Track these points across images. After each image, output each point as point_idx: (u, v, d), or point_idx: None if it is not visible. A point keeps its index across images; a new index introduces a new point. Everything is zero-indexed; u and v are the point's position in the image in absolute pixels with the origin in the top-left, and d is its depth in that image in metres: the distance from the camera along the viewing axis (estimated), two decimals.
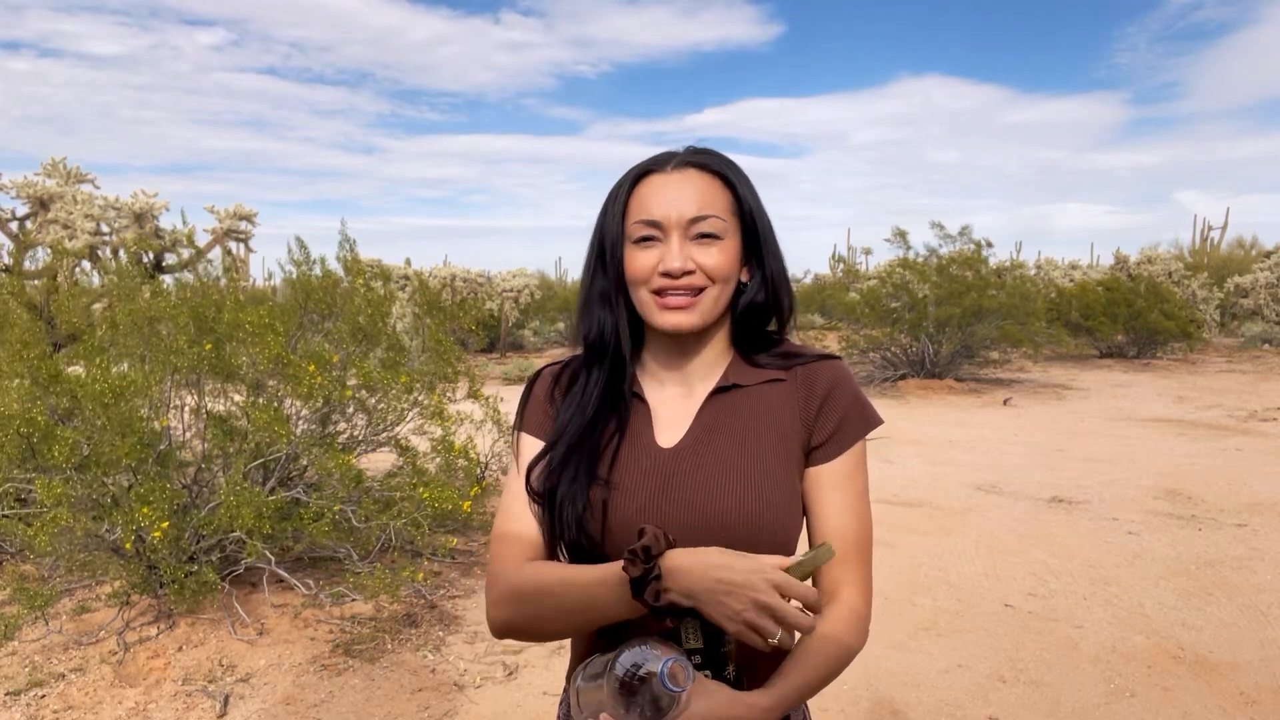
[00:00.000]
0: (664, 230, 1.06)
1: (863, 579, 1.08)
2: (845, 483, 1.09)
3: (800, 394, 1.11)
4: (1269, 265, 18.50)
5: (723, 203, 1.08)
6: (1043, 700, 3.10)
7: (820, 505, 1.09)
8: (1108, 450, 7.56)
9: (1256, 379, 12.57)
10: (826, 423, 1.09)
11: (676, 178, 1.07)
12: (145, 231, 11.24)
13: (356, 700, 3.09)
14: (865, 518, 1.10)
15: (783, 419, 1.10)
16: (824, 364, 1.13)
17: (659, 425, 1.12)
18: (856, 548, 1.08)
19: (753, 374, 1.13)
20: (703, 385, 1.14)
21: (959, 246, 12.50)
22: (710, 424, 1.11)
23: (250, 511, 3.12)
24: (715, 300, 1.08)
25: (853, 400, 1.11)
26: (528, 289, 18.24)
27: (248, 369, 3.74)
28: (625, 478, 1.09)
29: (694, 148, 1.12)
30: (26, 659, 3.30)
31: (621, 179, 1.11)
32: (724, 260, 1.06)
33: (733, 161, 1.12)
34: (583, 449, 1.10)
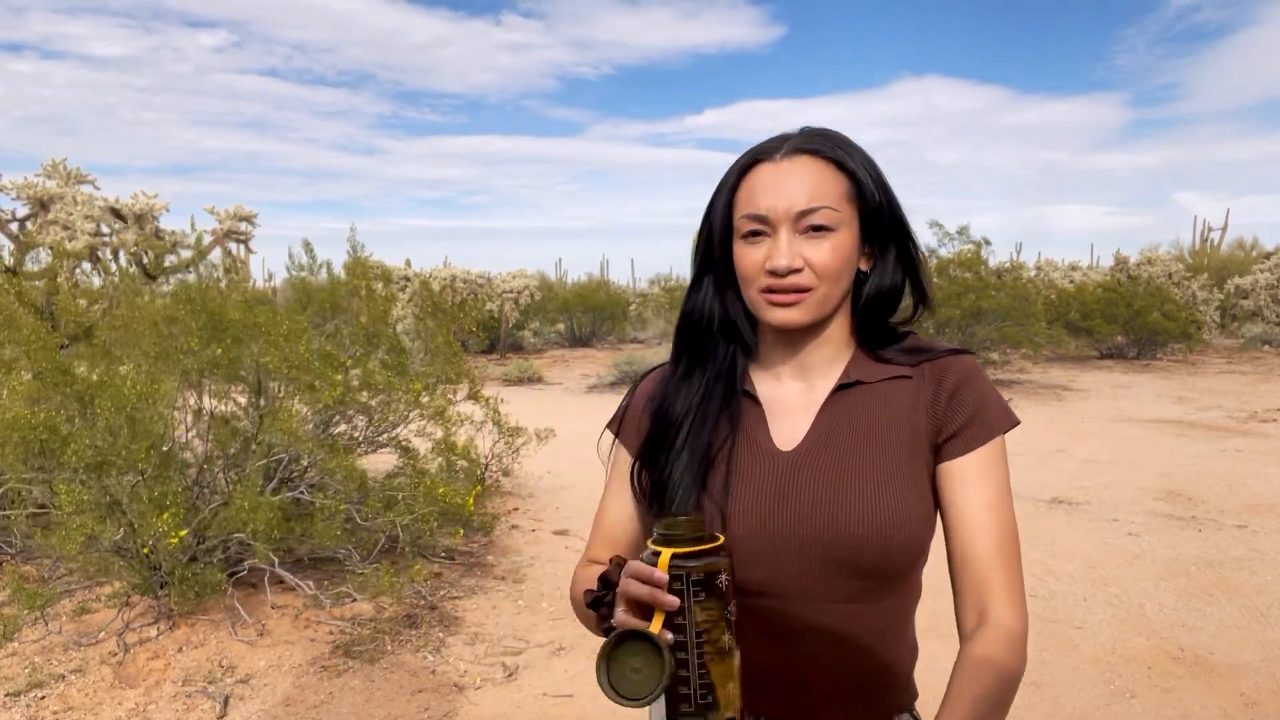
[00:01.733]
0: (772, 225, 0.98)
1: (1013, 587, 0.96)
2: (981, 477, 0.98)
3: (929, 389, 1.02)
4: (1269, 266, 18.49)
5: (837, 191, 0.99)
6: (1043, 701, 3.10)
7: (955, 503, 0.99)
8: (1108, 451, 7.56)
9: (1256, 380, 12.57)
10: (958, 415, 1.00)
11: (786, 166, 0.99)
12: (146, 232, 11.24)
13: (356, 701, 3.09)
14: (1008, 517, 0.98)
15: (910, 417, 1.01)
16: (955, 358, 1.04)
17: (775, 426, 1.04)
18: (1000, 549, 0.96)
19: (877, 369, 1.04)
20: (823, 382, 1.05)
21: (958, 247, 12.50)
22: (831, 425, 1.02)
23: (263, 515, 3.12)
24: (824, 299, 1.00)
25: (987, 394, 1.02)
26: (528, 290, 18.24)
27: (259, 370, 3.73)
28: (742, 485, 1.01)
29: (809, 130, 1.03)
30: (26, 659, 3.30)
31: (730, 168, 1.03)
32: (836, 256, 0.98)
33: (851, 143, 1.02)
34: (694, 446, 1.03)
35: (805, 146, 1.00)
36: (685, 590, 0.82)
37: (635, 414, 1.12)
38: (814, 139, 1.01)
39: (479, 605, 3.96)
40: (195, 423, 3.89)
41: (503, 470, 5.23)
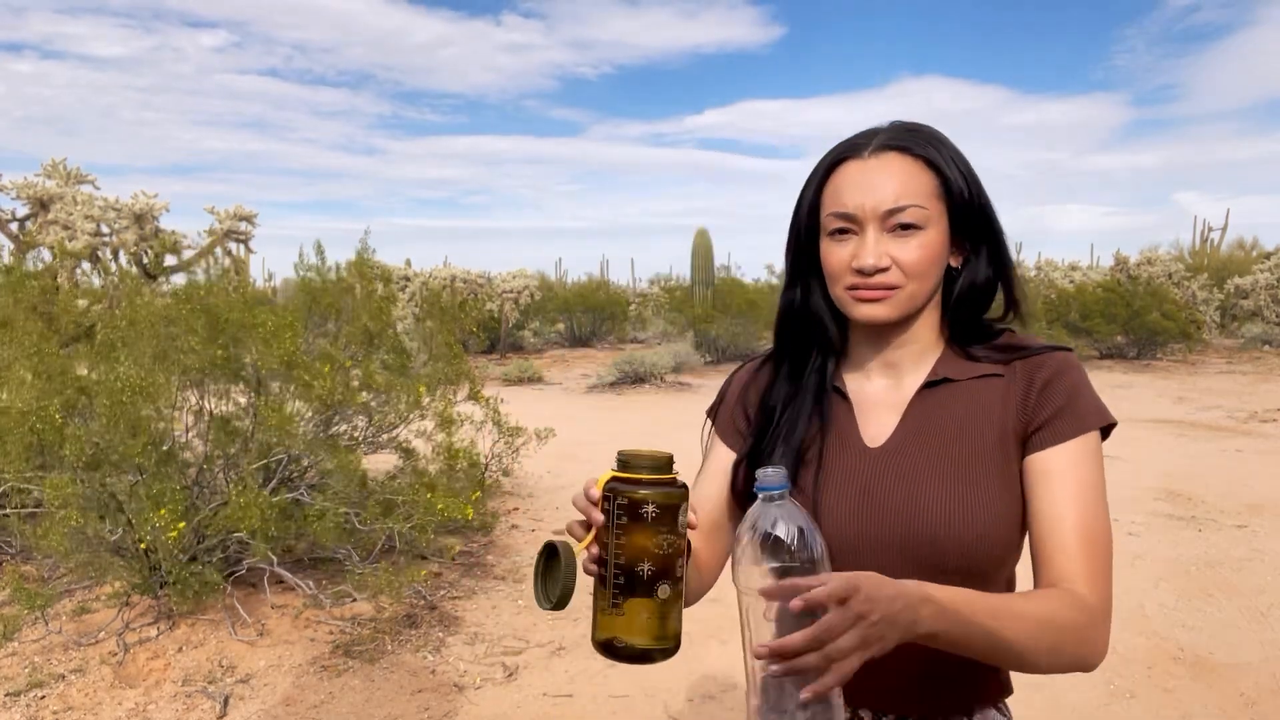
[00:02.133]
0: (859, 223, 0.98)
1: (1096, 578, 0.92)
2: (1067, 472, 0.95)
3: (1020, 386, 1.00)
4: (1269, 266, 18.49)
5: (925, 188, 0.98)
6: (1043, 701, 3.10)
7: (1038, 495, 0.96)
8: (1108, 451, 7.50)
9: (1256, 380, 12.57)
10: (1046, 408, 0.98)
11: (873, 164, 0.98)
12: (147, 232, 11.25)
13: (356, 701, 3.09)
14: (1096, 512, 0.95)
15: (1000, 415, 0.99)
16: (1050, 354, 1.01)
17: (864, 421, 1.05)
18: (1079, 536, 0.93)
19: (967, 368, 1.03)
20: (911, 378, 1.05)
21: None
22: (919, 423, 1.02)
23: (257, 514, 3.12)
24: (912, 296, 0.99)
25: (1080, 388, 0.99)
26: (528, 290, 18.24)
27: (256, 369, 3.74)
28: (830, 480, 1.02)
29: (899, 125, 1.01)
30: (26, 659, 3.30)
31: (816, 165, 1.03)
32: (923, 255, 0.97)
33: (941, 138, 1.01)
34: (788, 441, 1.05)
35: (893, 143, 0.99)
36: (610, 511, 0.85)
37: (729, 406, 1.15)
38: (903, 135, 1.00)
39: (479, 605, 3.96)
40: (195, 423, 3.89)
41: (503, 470, 5.23)
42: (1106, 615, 0.92)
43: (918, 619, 0.78)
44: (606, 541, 0.86)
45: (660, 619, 0.86)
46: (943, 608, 0.80)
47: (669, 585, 0.86)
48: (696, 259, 16.84)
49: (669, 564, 0.85)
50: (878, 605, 0.75)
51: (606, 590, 0.86)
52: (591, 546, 0.86)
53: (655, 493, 0.85)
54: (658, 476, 0.86)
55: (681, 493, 0.86)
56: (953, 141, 1.02)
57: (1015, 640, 0.84)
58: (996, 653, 0.85)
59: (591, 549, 0.86)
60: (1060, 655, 0.88)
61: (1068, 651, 0.88)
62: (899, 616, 0.76)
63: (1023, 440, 0.99)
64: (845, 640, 0.74)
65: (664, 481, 0.86)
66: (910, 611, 0.77)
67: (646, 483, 0.85)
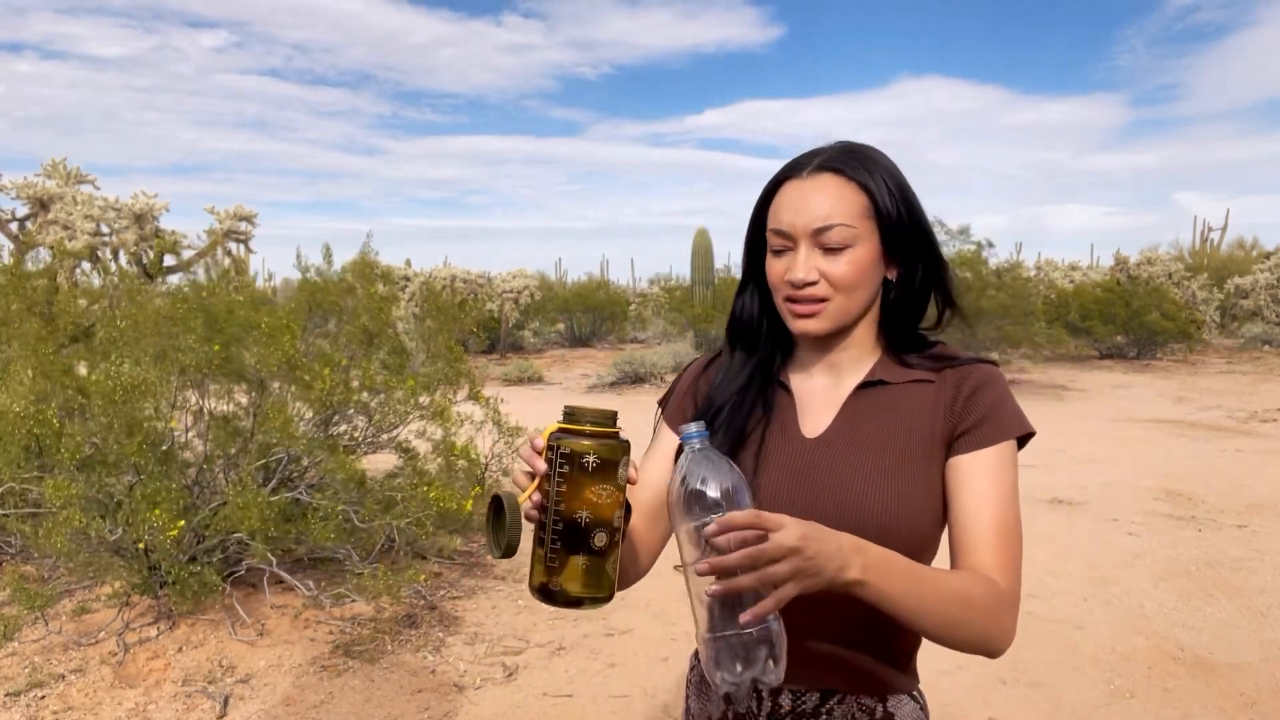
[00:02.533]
0: (793, 240, 1.06)
1: (1008, 566, 1.00)
2: (987, 475, 1.03)
3: (949, 392, 1.08)
4: (1269, 266, 18.49)
5: (854, 208, 1.04)
6: (1043, 701, 3.10)
7: (957, 495, 1.04)
8: (1108, 451, 7.56)
9: (1256, 380, 12.57)
10: (970, 415, 1.05)
11: (810, 184, 1.06)
12: (147, 232, 11.25)
13: (356, 701, 3.09)
14: (1010, 511, 1.02)
15: (928, 418, 1.07)
16: (977, 366, 1.10)
17: (804, 414, 1.13)
18: (997, 534, 1.00)
19: (901, 373, 1.11)
20: (850, 379, 1.13)
21: (959, 246, 12.49)
22: (854, 419, 1.10)
23: (256, 514, 3.12)
24: (842, 309, 1.07)
25: (1004, 399, 1.07)
26: (528, 290, 18.24)
27: (255, 369, 3.73)
28: (768, 465, 1.10)
29: (840, 146, 1.08)
30: (26, 659, 3.30)
31: (768, 183, 1.11)
32: (850, 270, 1.04)
33: (875, 159, 1.08)
34: (729, 432, 1.12)
35: (829, 164, 1.06)
36: (554, 461, 0.89)
37: (679, 395, 1.23)
38: (839, 156, 1.07)
39: (479, 605, 3.96)
40: (195, 422, 3.89)
41: (503, 470, 5.23)
42: (1015, 603, 0.99)
43: (848, 563, 0.85)
44: (548, 490, 0.90)
45: (596, 567, 0.90)
46: (872, 560, 0.88)
47: (605, 535, 0.89)
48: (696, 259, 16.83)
49: (607, 515, 0.89)
50: (813, 542, 0.82)
51: (546, 537, 0.90)
52: (534, 494, 0.90)
53: (597, 444, 0.88)
54: (601, 429, 0.89)
55: (623, 446, 0.90)
56: (889, 162, 1.09)
57: (931, 605, 0.91)
58: (911, 614, 0.91)
59: (534, 497, 0.90)
60: (968, 629, 0.94)
61: (976, 627, 0.95)
62: (833, 557, 0.84)
63: (948, 443, 1.06)
64: (781, 567, 0.81)
65: (606, 434, 0.90)
66: (842, 555, 0.85)
67: (589, 434, 0.89)
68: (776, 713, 1.09)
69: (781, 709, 1.09)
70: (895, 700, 1.09)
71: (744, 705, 1.05)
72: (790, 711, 1.09)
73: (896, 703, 1.09)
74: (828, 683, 1.08)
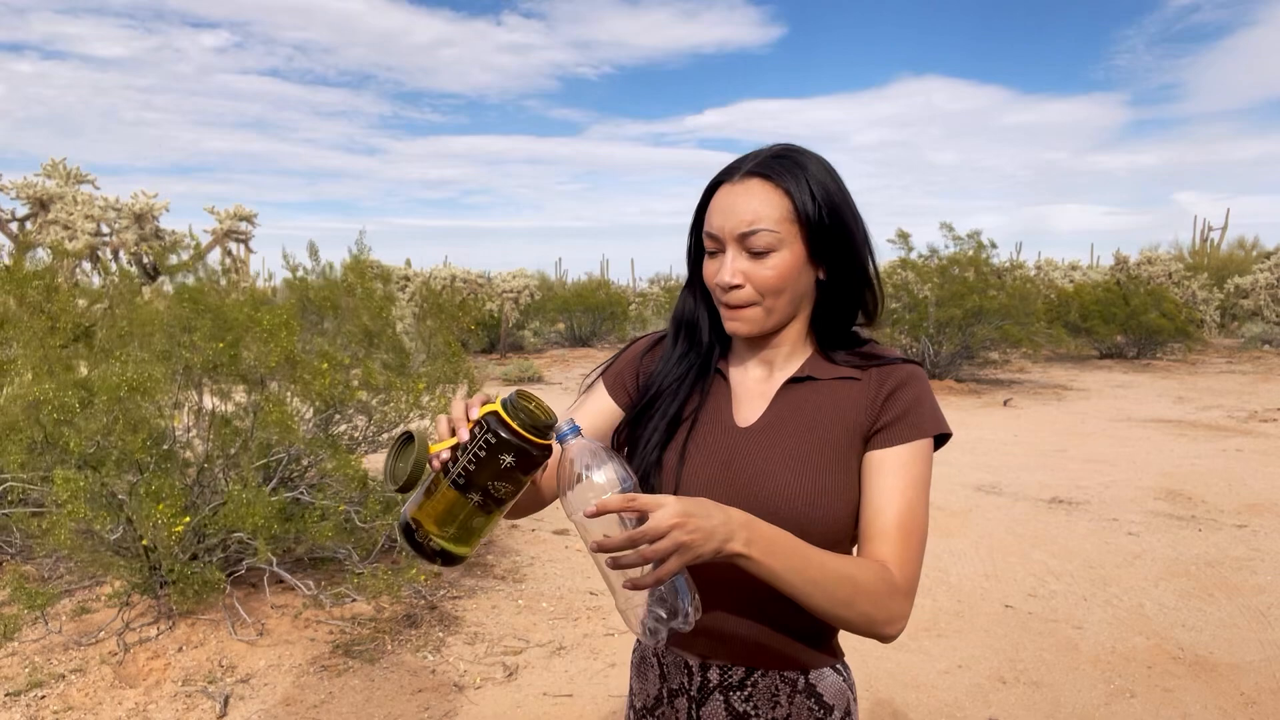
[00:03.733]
0: (721, 243, 1.10)
1: (900, 555, 1.04)
2: (899, 470, 1.08)
3: (872, 389, 1.12)
4: (1269, 266, 18.49)
5: (778, 213, 1.07)
6: (1043, 701, 3.10)
7: (869, 488, 1.08)
8: (1108, 451, 7.56)
9: (1256, 380, 12.57)
10: (889, 412, 1.10)
11: (739, 189, 1.09)
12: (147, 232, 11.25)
13: (356, 701, 3.09)
14: (915, 507, 1.07)
15: (851, 414, 1.12)
16: (901, 365, 1.15)
17: (737, 404, 1.17)
18: (897, 525, 1.05)
19: (829, 369, 1.16)
20: (780, 374, 1.17)
21: (964, 248, 12.50)
22: (782, 411, 1.14)
23: (258, 513, 3.12)
24: (768, 311, 1.11)
25: (923, 399, 1.11)
26: (528, 289, 18.24)
27: (255, 368, 3.73)
28: (698, 450, 1.14)
29: (774, 150, 1.11)
30: (26, 659, 3.30)
31: (706, 186, 1.14)
32: (774, 274, 1.08)
33: (804, 164, 1.09)
34: (666, 412, 1.17)
35: (758, 170, 1.09)
36: (475, 437, 0.92)
37: (623, 363, 1.28)
38: (768, 163, 1.09)
39: (479, 605, 3.96)
40: (196, 422, 3.89)
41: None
42: (908, 594, 1.04)
43: (732, 536, 0.90)
44: (458, 458, 0.93)
45: (466, 534, 0.95)
46: (758, 536, 0.93)
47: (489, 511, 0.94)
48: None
49: (500, 499, 0.94)
50: (693, 519, 0.87)
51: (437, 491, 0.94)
52: (444, 453, 0.94)
53: (520, 449, 0.91)
54: (530, 438, 0.92)
55: (543, 459, 0.93)
56: (820, 166, 1.10)
57: (816, 583, 0.97)
58: (796, 589, 0.96)
59: (443, 455, 0.94)
60: (853, 609, 0.99)
61: (861, 608, 1.00)
62: (715, 531, 0.89)
63: (866, 438, 1.11)
64: (661, 544, 0.86)
65: (534, 444, 0.92)
66: (727, 529, 0.90)
67: (518, 437, 0.91)
68: (706, 686, 1.16)
69: (710, 682, 1.16)
70: (817, 673, 1.15)
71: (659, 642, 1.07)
72: (719, 684, 1.15)
73: (819, 675, 1.15)
74: (751, 659, 1.14)
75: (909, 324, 12.01)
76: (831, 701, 1.15)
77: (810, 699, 1.14)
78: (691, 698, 1.17)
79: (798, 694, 1.14)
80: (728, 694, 1.15)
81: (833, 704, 1.15)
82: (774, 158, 1.10)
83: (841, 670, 1.18)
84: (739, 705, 1.14)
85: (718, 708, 1.15)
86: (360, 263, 4.49)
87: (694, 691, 1.17)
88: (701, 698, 1.16)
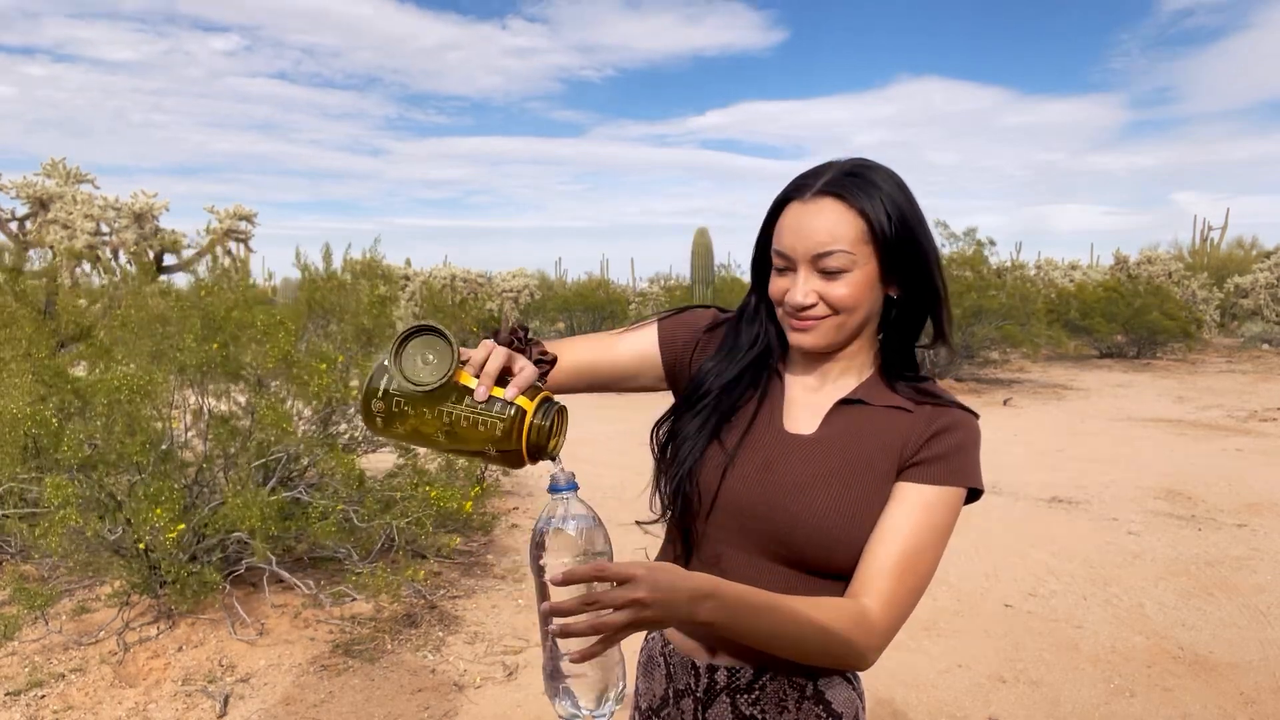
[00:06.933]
0: (793, 262, 1.08)
1: (894, 600, 1.02)
2: (920, 507, 1.06)
3: (920, 426, 1.11)
4: (1269, 266, 18.49)
5: (853, 233, 1.06)
6: (1042, 700, 3.10)
7: (885, 515, 1.06)
8: (1108, 450, 7.56)
9: (1256, 379, 12.56)
10: (931, 449, 1.08)
11: (811, 209, 1.07)
12: (146, 231, 11.24)
13: (356, 700, 3.09)
14: (924, 551, 1.04)
15: (894, 445, 1.10)
16: (956, 410, 1.12)
17: (788, 409, 1.16)
18: (899, 563, 1.03)
19: (883, 396, 1.14)
20: (834, 389, 1.16)
21: (962, 247, 12.49)
22: (832, 429, 1.13)
23: (256, 513, 3.12)
24: (839, 326, 1.09)
25: (968, 448, 1.10)
26: (528, 289, 18.24)
27: (252, 368, 3.73)
28: (746, 449, 1.13)
29: (845, 167, 1.09)
30: (26, 659, 3.30)
31: (774, 201, 1.13)
32: (849, 293, 1.07)
33: (877, 183, 1.07)
34: (721, 404, 1.15)
35: (830, 189, 1.07)
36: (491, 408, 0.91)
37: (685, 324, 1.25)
38: (841, 181, 1.07)
39: (479, 604, 3.96)
40: (195, 422, 3.89)
41: (503, 470, 5.23)
42: (886, 637, 1.03)
43: (696, 611, 0.89)
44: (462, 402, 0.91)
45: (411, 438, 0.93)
46: (725, 603, 0.91)
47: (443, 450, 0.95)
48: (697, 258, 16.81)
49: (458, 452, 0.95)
50: (660, 593, 0.86)
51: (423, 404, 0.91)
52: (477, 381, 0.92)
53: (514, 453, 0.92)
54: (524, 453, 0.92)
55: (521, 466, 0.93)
56: (893, 183, 1.09)
57: (784, 638, 0.97)
58: (762, 644, 0.97)
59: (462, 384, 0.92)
60: (823, 657, 1.01)
61: (833, 656, 1.01)
62: (679, 606, 0.88)
63: (901, 468, 1.09)
64: (617, 615, 0.85)
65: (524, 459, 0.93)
66: (692, 604, 0.89)
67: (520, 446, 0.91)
68: (713, 688, 1.14)
69: (717, 684, 1.14)
70: (827, 681, 1.13)
71: None
72: (726, 686, 1.14)
73: (828, 683, 1.13)
74: (760, 658, 1.12)
75: None
76: (840, 710, 1.14)
77: (819, 706, 1.12)
78: (698, 699, 1.15)
79: (806, 700, 1.12)
80: (735, 696, 1.13)
81: (841, 712, 1.14)
82: (847, 175, 1.08)
83: (852, 679, 1.17)
84: (746, 709, 1.13)
85: (724, 710, 1.14)
86: (371, 264, 4.49)
87: (700, 693, 1.15)
88: (708, 699, 1.15)
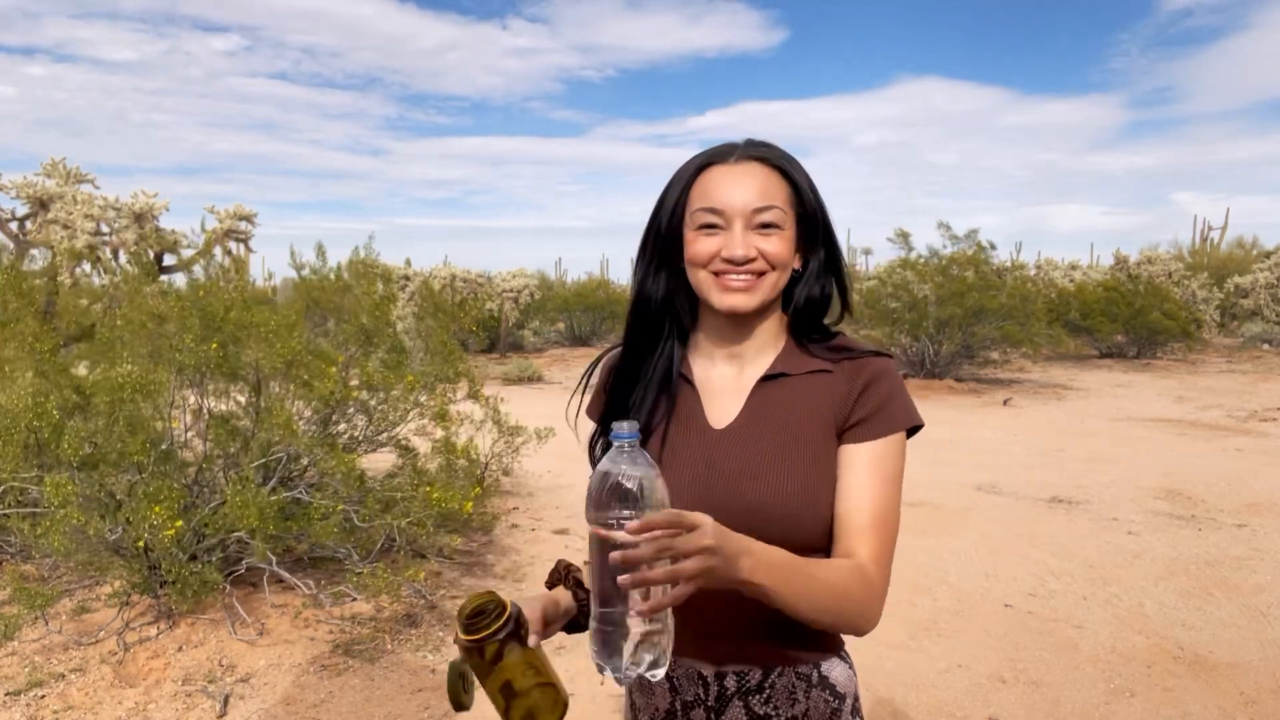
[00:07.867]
0: (727, 219, 1.10)
1: (881, 556, 1.07)
2: (873, 465, 1.10)
3: (844, 383, 1.14)
4: (1269, 265, 18.49)
5: (782, 195, 1.12)
6: (1042, 700, 3.10)
7: (844, 483, 1.10)
8: (1108, 450, 7.56)
9: (1256, 379, 12.56)
10: (863, 407, 1.12)
11: (740, 169, 1.12)
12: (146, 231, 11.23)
13: (356, 700, 3.09)
14: (889, 501, 1.09)
15: (826, 408, 1.13)
16: (873, 358, 1.16)
17: (709, 405, 1.18)
18: (873, 522, 1.07)
19: (802, 363, 1.17)
20: (753, 368, 1.18)
21: (963, 247, 12.50)
22: (758, 409, 1.15)
23: (255, 512, 3.12)
24: (774, 285, 1.12)
25: (895, 393, 1.13)
26: (527, 289, 18.24)
27: (253, 369, 3.73)
28: (674, 457, 1.15)
29: (753, 141, 1.15)
30: (26, 659, 3.30)
31: (682, 169, 1.16)
32: (784, 248, 1.11)
33: (791, 156, 1.15)
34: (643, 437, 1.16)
35: (754, 154, 1.13)
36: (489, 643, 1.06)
37: (596, 403, 1.28)
38: (761, 148, 1.14)
39: None
40: (195, 422, 3.89)
41: (502, 469, 5.23)
42: (884, 590, 1.07)
43: (739, 565, 0.90)
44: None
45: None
46: (760, 561, 0.93)
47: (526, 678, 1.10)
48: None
49: None
50: (722, 540, 0.88)
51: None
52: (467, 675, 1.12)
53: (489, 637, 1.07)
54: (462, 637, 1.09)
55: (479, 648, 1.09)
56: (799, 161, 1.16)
57: (807, 597, 0.98)
58: (788, 604, 0.97)
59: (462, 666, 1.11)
60: (841, 617, 1.03)
61: (848, 616, 1.03)
62: (731, 560, 0.89)
63: (840, 431, 1.12)
64: (690, 563, 0.85)
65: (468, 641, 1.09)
66: (736, 559, 0.90)
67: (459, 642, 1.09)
68: (724, 694, 1.15)
69: (728, 690, 1.15)
70: (828, 664, 1.17)
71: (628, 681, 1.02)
72: (737, 691, 1.15)
73: (829, 665, 1.17)
74: (768, 659, 1.14)
75: (909, 324, 12.01)
76: (843, 690, 1.17)
77: (825, 690, 1.15)
78: (709, 708, 1.16)
79: (813, 687, 1.15)
80: (747, 698, 1.14)
81: (844, 692, 1.17)
82: (764, 146, 1.14)
83: (845, 657, 1.21)
84: (759, 709, 1.14)
85: (738, 714, 1.14)
86: (366, 264, 4.49)
87: (711, 701, 1.16)
88: (720, 706, 1.15)
